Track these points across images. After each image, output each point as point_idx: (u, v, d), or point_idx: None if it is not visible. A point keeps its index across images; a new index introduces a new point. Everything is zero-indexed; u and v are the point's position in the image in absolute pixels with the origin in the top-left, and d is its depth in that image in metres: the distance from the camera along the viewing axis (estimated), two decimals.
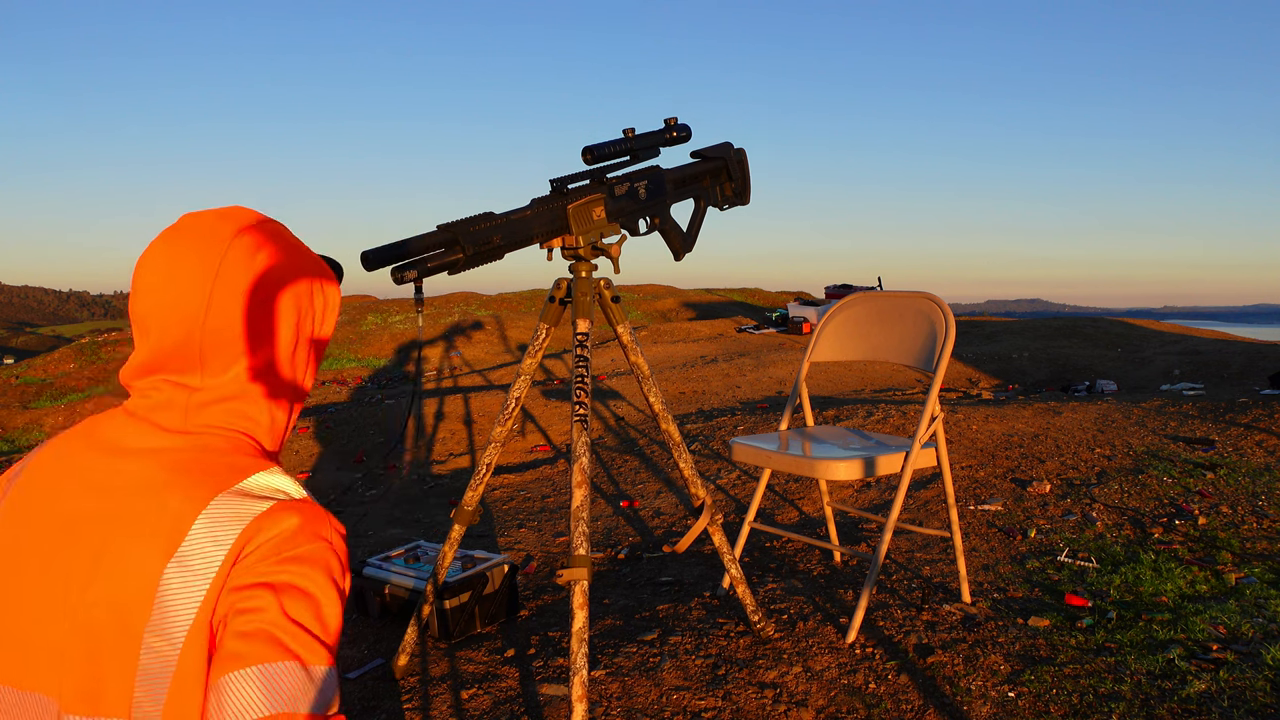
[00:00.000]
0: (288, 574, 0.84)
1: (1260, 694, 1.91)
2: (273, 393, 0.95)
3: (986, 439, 4.18)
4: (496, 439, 2.07)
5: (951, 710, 1.94)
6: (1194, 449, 3.92)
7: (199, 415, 0.91)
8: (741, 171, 2.24)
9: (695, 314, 15.83)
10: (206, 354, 0.90)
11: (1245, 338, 9.87)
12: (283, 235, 0.96)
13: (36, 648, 0.86)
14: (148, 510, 0.85)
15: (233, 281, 0.90)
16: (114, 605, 0.83)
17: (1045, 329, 10.21)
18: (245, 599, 0.82)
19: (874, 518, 2.61)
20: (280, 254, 0.94)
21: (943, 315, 2.46)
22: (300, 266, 0.96)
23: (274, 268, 0.93)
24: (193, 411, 0.91)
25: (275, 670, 0.80)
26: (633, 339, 2.03)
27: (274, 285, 0.93)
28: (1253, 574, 2.57)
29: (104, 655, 0.83)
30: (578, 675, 1.72)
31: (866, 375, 7.69)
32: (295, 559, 0.85)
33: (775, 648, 2.26)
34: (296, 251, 0.96)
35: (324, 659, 0.83)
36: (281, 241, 0.95)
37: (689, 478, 2.14)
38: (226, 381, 0.92)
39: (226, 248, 0.90)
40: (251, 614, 0.82)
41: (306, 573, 0.85)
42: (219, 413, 0.92)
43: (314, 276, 0.97)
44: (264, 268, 0.92)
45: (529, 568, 3.02)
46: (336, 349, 11.53)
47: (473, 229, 1.66)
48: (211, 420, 0.92)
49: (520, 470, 4.53)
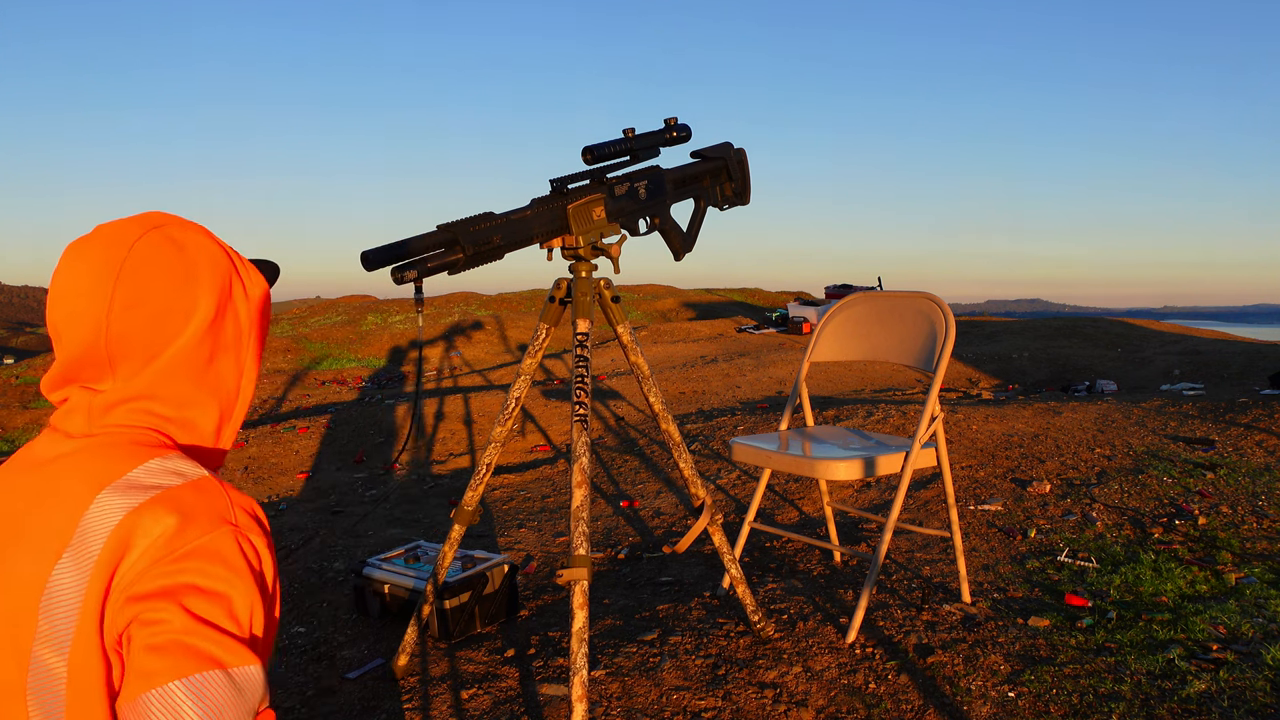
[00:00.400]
0: (185, 574, 0.79)
1: (1260, 694, 1.91)
2: (183, 392, 0.93)
3: (986, 439, 4.18)
4: (496, 439, 2.07)
5: (951, 710, 1.94)
6: (1194, 449, 3.92)
7: (104, 417, 0.90)
8: (741, 172, 2.24)
9: (695, 314, 15.83)
10: (115, 359, 0.89)
11: (1245, 338, 9.87)
12: (190, 237, 0.94)
13: None
14: (42, 517, 0.84)
15: (134, 285, 0.89)
16: (2, 619, 0.82)
17: (1045, 329, 10.21)
18: (147, 610, 0.78)
19: (874, 518, 2.61)
20: (184, 255, 0.92)
21: (943, 315, 2.46)
22: (209, 266, 0.94)
23: (176, 269, 0.91)
24: (96, 414, 0.90)
25: (198, 682, 0.76)
26: (633, 339, 2.03)
27: (177, 286, 0.91)
28: (1253, 574, 2.57)
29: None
30: (578, 675, 1.72)
31: (866, 375, 7.69)
32: (190, 554, 0.80)
33: (775, 648, 2.26)
34: (204, 252, 0.94)
35: (245, 658, 0.79)
36: (188, 243, 0.93)
37: (689, 478, 2.14)
38: (133, 384, 0.90)
39: (127, 252, 0.89)
40: (157, 625, 0.77)
41: (205, 568, 0.80)
42: (123, 413, 0.90)
43: (227, 276, 0.95)
44: (166, 270, 0.90)
45: (529, 568, 3.02)
46: (337, 349, 11.53)
47: (473, 229, 1.66)
48: (117, 420, 0.90)
49: (520, 470, 4.53)
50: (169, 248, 0.91)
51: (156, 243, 0.91)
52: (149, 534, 0.80)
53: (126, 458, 0.87)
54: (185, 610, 0.78)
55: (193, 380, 0.93)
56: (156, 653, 0.76)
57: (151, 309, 0.89)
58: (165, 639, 0.77)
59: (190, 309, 0.92)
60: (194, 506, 0.83)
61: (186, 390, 0.93)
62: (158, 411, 0.91)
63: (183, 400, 0.93)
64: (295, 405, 7.33)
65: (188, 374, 0.93)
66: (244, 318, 0.97)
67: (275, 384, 8.46)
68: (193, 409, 0.94)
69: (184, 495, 0.84)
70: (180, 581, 0.79)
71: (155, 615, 0.78)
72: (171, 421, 0.93)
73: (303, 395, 7.84)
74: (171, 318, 0.90)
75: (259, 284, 1.00)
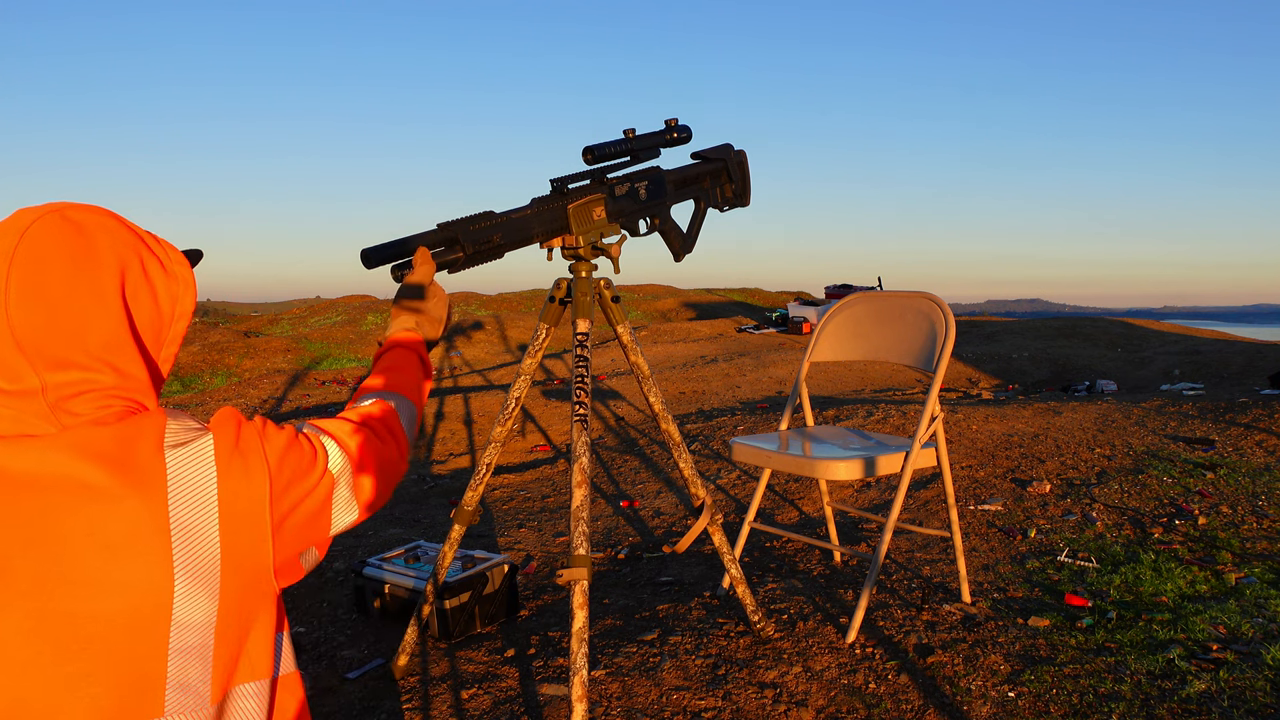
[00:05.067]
0: (284, 463, 0.94)
1: (1260, 694, 1.91)
2: (121, 364, 0.91)
3: (986, 439, 4.19)
4: (496, 439, 2.07)
5: (951, 710, 1.94)
6: (1194, 449, 3.92)
7: (63, 406, 0.86)
8: (741, 173, 2.24)
9: (695, 314, 15.83)
10: (26, 348, 0.85)
11: (1245, 338, 9.87)
12: (90, 217, 0.92)
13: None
14: (101, 514, 0.82)
15: (29, 270, 0.86)
16: (111, 617, 0.82)
17: (1045, 329, 10.21)
18: (286, 498, 0.93)
19: (874, 518, 2.61)
20: (83, 233, 0.90)
21: (943, 315, 2.46)
22: (109, 242, 0.91)
23: (76, 247, 0.89)
24: (58, 408, 0.86)
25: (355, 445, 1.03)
26: (633, 339, 2.03)
27: (78, 265, 0.88)
28: (1253, 574, 2.57)
29: (126, 662, 0.83)
30: (578, 675, 1.72)
31: (866, 375, 7.70)
32: (261, 436, 0.93)
33: (775, 648, 2.26)
34: (103, 229, 0.92)
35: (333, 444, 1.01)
36: (86, 222, 0.91)
37: (689, 478, 2.14)
38: (68, 371, 0.86)
39: (19, 238, 0.87)
40: (305, 485, 0.95)
41: (280, 452, 0.94)
42: (82, 401, 0.87)
43: (133, 249, 0.93)
44: (63, 250, 0.88)
45: (529, 568, 3.02)
46: (336, 349, 11.52)
47: (472, 228, 1.66)
48: (77, 409, 0.87)
49: (520, 470, 4.53)
50: (64, 226, 0.89)
51: (50, 224, 0.88)
52: (245, 461, 0.90)
53: (147, 428, 0.87)
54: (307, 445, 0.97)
55: (125, 352, 0.91)
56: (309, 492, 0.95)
57: (52, 291, 0.86)
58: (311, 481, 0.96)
59: (96, 282, 0.89)
60: (231, 422, 0.93)
61: (124, 363, 0.91)
62: (108, 387, 0.88)
63: (126, 372, 0.91)
64: (295, 405, 7.33)
65: (119, 348, 0.90)
66: (163, 290, 0.96)
67: (275, 384, 8.46)
68: (136, 381, 0.92)
69: (223, 429, 0.92)
70: (282, 461, 0.93)
71: (297, 488, 0.94)
72: (131, 393, 0.91)
73: (303, 395, 7.84)
74: (76, 295, 0.88)
75: (181, 261, 0.98)
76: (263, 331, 14.01)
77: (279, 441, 0.94)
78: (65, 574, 0.81)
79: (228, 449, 0.90)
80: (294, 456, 0.95)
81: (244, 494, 0.89)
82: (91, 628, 0.82)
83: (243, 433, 0.92)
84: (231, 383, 9.01)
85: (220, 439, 0.90)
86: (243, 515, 0.89)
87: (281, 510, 0.92)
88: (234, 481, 0.89)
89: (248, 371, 10.05)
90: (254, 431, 0.93)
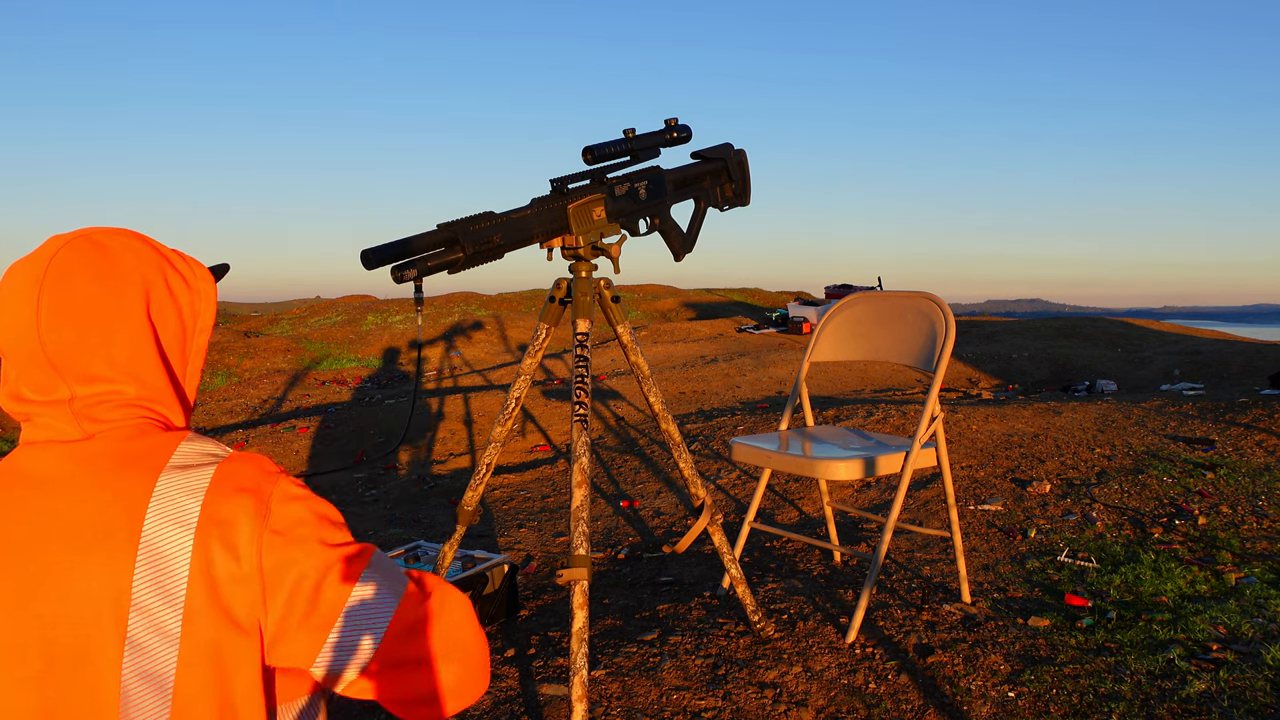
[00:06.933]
0: (298, 533, 0.89)
1: (1260, 694, 1.91)
2: (146, 378, 0.95)
3: (986, 439, 4.19)
4: (496, 439, 2.07)
5: (951, 710, 1.94)
6: (1194, 449, 3.92)
7: (91, 414, 0.91)
8: (741, 173, 2.24)
9: (695, 314, 15.84)
10: (57, 363, 0.90)
11: (1245, 338, 9.87)
12: (114, 239, 0.96)
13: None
14: (87, 520, 0.86)
15: (57, 291, 0.90)
16: (74, 624, 0.83)
17: (1045, 329, 10.21)
18: (287, 568, 0.87)
19: (874, 518, 2.61)
20: (107, 254, 0.94)
21: (943, 315, 2.46)
22: (134, 260, 0.95)
23: (100, 266, 0.93)
24: (83, 416, 0.91)
25: (367, 569, 0.92)
26: (633, 339, 2.03)
27: (102, 282, 0.92)
28: (1253, 574, 2.57)
29: (73, 676, 0.83)
30: (578, 675, 1.72)
31: (866, 375, 7.70)
32: (286, 499, 0.90)
33: (775, 648, 2.26)
34: (128, 249, 0.96)
35: (358, 549, 0.93)
36: (110, 244, 0.95)
37: (689, 478, 2.14)
38: (95, 384, 0.91)
39: (48, 262, 0.91)
40: (301, 568, 0.88)
41: (300, 514, 0.91)
42: (107, 409, 0.92)
43: (157, 266, 0.97)
44: (88, 269, 0.92)
45: (529, 568, 3.02)
46: (336, 349, 11.52)
47: (473, 228, 1.66)
48: (106, 415, 0.92)
49: (520, 470, 4.53)
50: (90, 249, 0.93)
51: (78, 247, 0.93)
52: (233, 520, 0.87)
53: (157, 446, 0.91)
54: (321, 544, 0.90)
55: (150, 366, 0.95)
56: (321, 582, 0.88)
57: (79, 310, 0.91)
58: (319, 568, 0.88)
59: (121, 300, 0.93)
60: (254, 471, 0.91)
61: (149, 376, 0.95)
62: (132, 399, 0.93)
63: (151, 384, 0.95)
64: (295, 405, 7.33)
65: (144, 361, 0.94)
66: (186, 305, 0.99)
67: (275, 384, 8.45)
68: (160, 393, 0.96)
69: (242, 464, 0.92)
70: (296, 536, 0.89)
71: (296, 568, 0.88)
72: (154, 404, 0.95)
73: (303, 395, 7.83)
74: (102, 313, 0.92)
75: (204, 276, 1.02)
76: (263, 331, 14.00)
77: (299, 507, 0.91)
78: (44, 574, 0.85)
79: (226, 484, 0.89)
80: (312, 518, 0.92)
81: (229, 536, 0.87)
82: (53, 632, 0.84)
83: (261, 487, 0.91)
84: (231, 383, 9.01)
85: (223, 474, 0.90)
86: (221, 559, 0.86)
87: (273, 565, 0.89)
88: (220, 516, 0.87)
89: (248, 371, 10.05)
90: (270, 488, 0.91)
